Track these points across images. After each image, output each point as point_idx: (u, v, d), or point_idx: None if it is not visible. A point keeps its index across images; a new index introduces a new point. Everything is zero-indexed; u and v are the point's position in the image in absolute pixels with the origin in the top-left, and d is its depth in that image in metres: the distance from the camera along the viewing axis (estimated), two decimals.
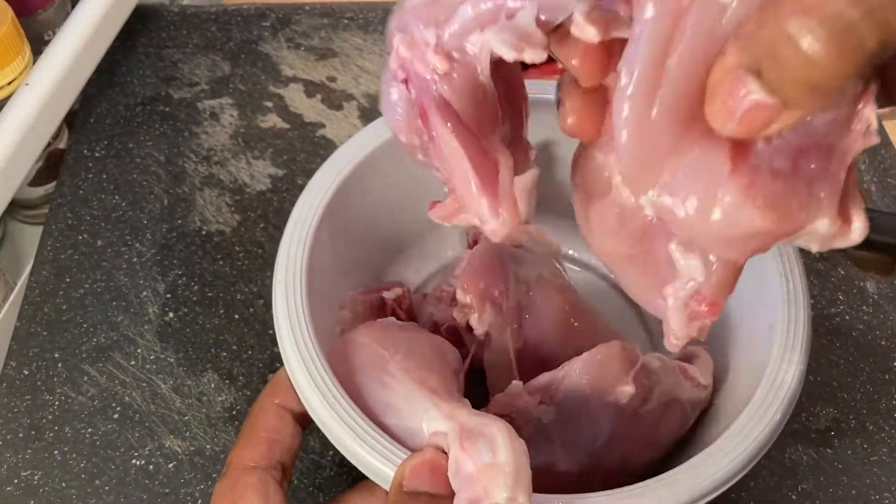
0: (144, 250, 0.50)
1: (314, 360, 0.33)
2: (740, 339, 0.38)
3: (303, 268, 0.36)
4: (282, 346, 0.34)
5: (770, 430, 0.32)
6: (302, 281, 0.36)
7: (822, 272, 0.49)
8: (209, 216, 0.52)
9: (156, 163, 0.54)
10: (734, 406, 0.35)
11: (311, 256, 0.37)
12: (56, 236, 0.50)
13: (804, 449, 0.43)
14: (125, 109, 0.58)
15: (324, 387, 0.33)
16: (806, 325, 0.35)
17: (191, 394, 0.44)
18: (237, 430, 0.43)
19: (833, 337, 0.47)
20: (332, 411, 0.32)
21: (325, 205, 0.38)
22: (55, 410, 0.43)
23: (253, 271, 0.49)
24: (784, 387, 0.33)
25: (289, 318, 0.35)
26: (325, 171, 0.40)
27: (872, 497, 0.41)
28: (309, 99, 0.59)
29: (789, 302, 0.35)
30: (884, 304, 0.48)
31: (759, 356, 0.35)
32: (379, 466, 0.31)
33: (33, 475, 0.41)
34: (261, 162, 0.55)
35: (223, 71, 0.60)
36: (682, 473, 0.32)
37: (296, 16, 0.64)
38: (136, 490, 0.41)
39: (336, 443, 0.32)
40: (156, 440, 0.42)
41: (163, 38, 0.63)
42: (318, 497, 0.41)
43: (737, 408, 0.34)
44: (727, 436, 0.32)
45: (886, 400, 0.44)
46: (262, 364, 0.45)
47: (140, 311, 0.47)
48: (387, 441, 0.31)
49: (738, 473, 0.32)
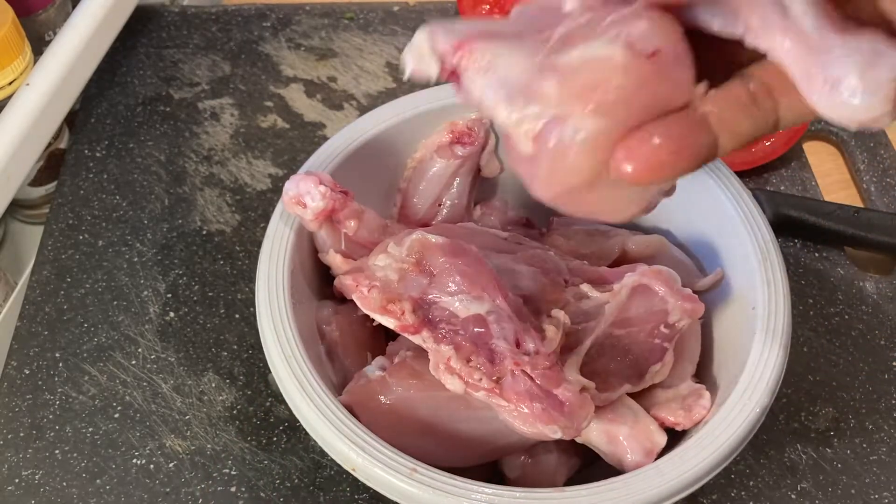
0: (145, 250, 0.50)
1: (299, 360, 0.35)
2: (726, 321, 0.39)
3: (285, 273, 0.37)
4: (267, 354, 0.36)
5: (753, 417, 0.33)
6: (285, 287, 0.37)
7: (821, 272, 0.50)
8: (210, 216, 0.52)
9: (156, 163, 0.54)
10: (724, 389, 0.36)
11: (292, 260, 0.38)
12: (57, 236, 0.50)
13: (804, 448, 0.43)
14: (126, 109, 0.58)
15: (311, 390, 0.34)
16: (786, 308, 0.36)
17: (191, 393, 0.44)
18: (238, 429, 0.43)
19: (832, 337, 0.47)
20: (318, 412, 0.33)
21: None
22: (56, 410, 0.43)
23: (253, 271, 0.48)
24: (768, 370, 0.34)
25: (272, 319, 0.36)
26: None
27: (872, 496, 0.41)
28: (309, 99, 0.59)
29: (768, 283, 0.37)
30: (883, 304, 0.48)
31: (745, 336, 0.36)
32: (353, 458, 0.32)
33: (34, 474, 0.41)
34: (261, 162, 0.55)
35: (224, 71, 0.60)
36: (668, 462, 0.32)
37: (296, 16, 0.64)
38: (136, 489, 0.41)
39: (323, 444, 0.33)
40: (156, 439, 0.42)
41: (163, 39, 0.63)
42: (319, 497, 0.41)
43: (726, 389, 0.35)
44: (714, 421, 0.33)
45: (886, 399, 0.44)
46: (262, 364, 0.45)
47: (141, 311, 0.47)
48: (376, 442, 0.32)
49: (729, 456, 0.33)
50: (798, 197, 0.52)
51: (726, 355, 0.38)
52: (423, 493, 0.31)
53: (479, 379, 0.32)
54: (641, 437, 0.35)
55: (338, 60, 0.61)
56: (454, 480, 0.31)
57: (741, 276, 0.38)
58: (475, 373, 0.32)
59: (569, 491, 0.31)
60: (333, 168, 0.41)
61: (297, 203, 0.37)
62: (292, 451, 0.42)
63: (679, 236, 0.43)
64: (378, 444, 0.32)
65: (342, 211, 0.38)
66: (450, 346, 0.33)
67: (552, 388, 0.32)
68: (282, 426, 0.43)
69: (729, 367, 0.37)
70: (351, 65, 0.61)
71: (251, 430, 0.43)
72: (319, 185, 0.37)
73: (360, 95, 0.59)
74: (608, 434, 0.35)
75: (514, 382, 0.32)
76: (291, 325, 0.36)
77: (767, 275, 0.37)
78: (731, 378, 0.35)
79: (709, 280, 0.40)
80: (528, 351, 0.33)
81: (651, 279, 0.36)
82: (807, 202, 0.51)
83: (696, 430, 0.34)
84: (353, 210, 0.38)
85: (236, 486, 0.41)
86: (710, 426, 0.33)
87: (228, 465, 0.41)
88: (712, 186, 0.40)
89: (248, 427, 0.43)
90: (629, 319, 0.36)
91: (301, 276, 0.39)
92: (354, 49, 0.62)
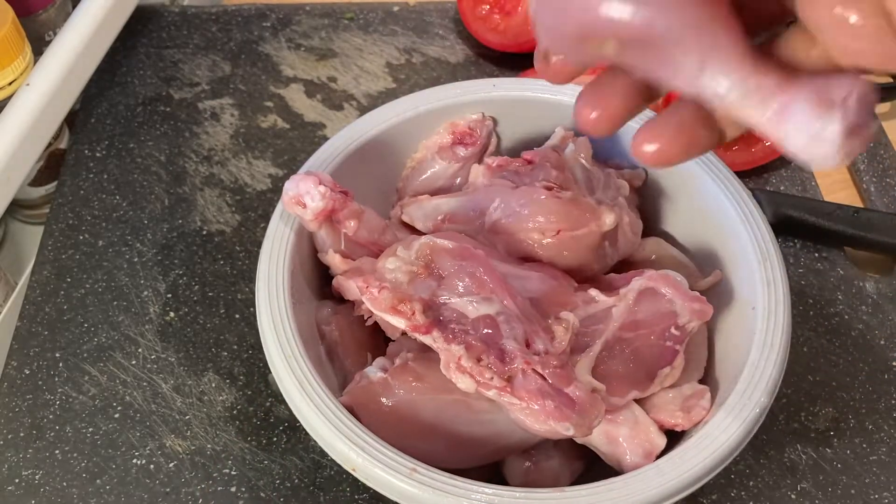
0: (145, 250, 0.50)
1: (299, 360, 0.35)
2: (726, 321, 0.39)
3: (285, 272, 0.37)
4: (267, 353, 0.36)
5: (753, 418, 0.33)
6: (285, 286, 0.37)
7: (821, 272, 0.50)
8: (210, 216, 0.52)
9: (156, 163, 0.55)
10: (724, 389, 0.36)
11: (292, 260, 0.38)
12: (57, 236, 0.50)
13: (804, 448, 0.43)
14: (126, 109, 0.58)
15: (311, 390, 0.34)
16: (786, 308, 0.36)
17: (191, 393, 0.44)
18: (238, 429, 0.43)
19: (832, 337, 0.47)
20: (318, 411, 0.33)
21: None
22: (56, 410, 0.43)
23: (253, 271, 0.49)
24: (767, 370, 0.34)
25: (272, 319, 0.36)
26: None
27: (871, 496, 0.41)
28: (309, 99, 0.59)
29: (768, 283, 0.37)
30: (883, 304, 0.48)
31: (745, 336, 0.36)
32: (353, 458, 0.32)
33: (34, 474, 0.41)
34: (261, 162, 0.55)
35: (224, 71, 0.60)
36: (668, 462, 0.32)
37: (296, 16, 0.64)
38: (136, 489, 0.41)
39: (323, 444, 0.33)
40: (157, 440, 0.42)
41: (163, 39, 0.63)
42: (319, 497, 0.41)
43: (726, 389, 0.35)
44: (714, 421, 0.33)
45: (885, 399, 0.44)
46: (262, 364, 0.45)
47: (141, 311, 0.47)
48: (376, 442, 0.32)
49: (732, 453, 0.33)
50: (798, 197, 0.52)
51: (726, 355, 0.38)
52: (422, 493, 0.31)
53: (491, 378, 0.32)
54: (641, 438, 0.35)
55: (338, 60, 0.61)
56: (454, 480, 0.31)
57: (741, 277, 0.38)
58: (486, 371, 0.32)
59: (568, 491, 0.31)
60: (333, 168, 0.41)
61: (297, 203, 0.37)
62: (292, 451, 0.42)
63: (679, 236, 0.43)
64: (378, 444, 0.32)
65: (342, 211, 0.38)
66: (460, 346, 0.33)
67: (563, 386, 0.32)
68: (282, 426, 0.43)
69: (729, 367, 0.37)
70: (351, 65, 0.61)
71: (251, 430, 0.43)
72: (319, 185, 0.37)
73: (360, 95, 0.59)
74: (608, 435, 0.35)
75: (525, 381, 0.32)
76: (291, 325, 0.36)
77: (767, 275, 0.37)
78: (730, 378, 0.35)
79: (707, 281, 0.40)
80: (538, 351, 0.33)
81: (658, 282, 0.36)
82: (807, 202, 0.51)
83: (695, 431, 0.34)
84: (352, 210, 0.38)
85: (236, 486, 0.41)
86: (709, 426, 0.33)
87: (228, 465, 0.41)
88: (712, 186, 0.40)
89: (248, 427, 0.43)
90: (638, 322, 0.36)
91: (301, 276, 0.39)
92: (354, 49, 0.62)
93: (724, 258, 0.40)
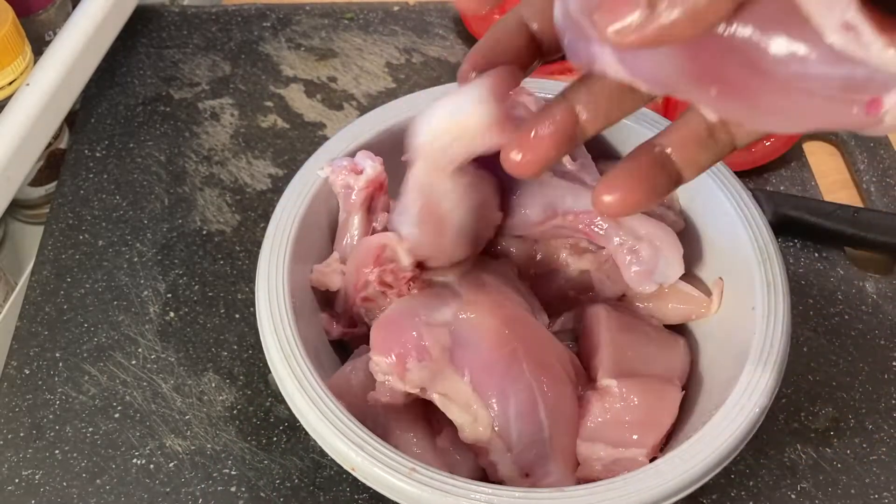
0: (145, 250, 0.50)
1: (298, 360, 0.35)
2: (726, 321, 0.39)
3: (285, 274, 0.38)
4: (267, 352, 0.36)
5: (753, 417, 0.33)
6: (285, 284, 0.37)
7: (821, 272, 0.50)
8: (210, 216, 0.52)
9: (156, 163, 0.55)
10: (724, 389, 0.36)
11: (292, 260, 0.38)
12: (57, 236, 0.50)
13: (803, 448, 0.43)
14: (126, 109, 0.58)
15: (310, 389, 0.34)
16: (786, 308, 0.36)
17: (191, 393, 0.44)
18: (238, 429, 0.43)
19: (832, 337, 0.47)
20: (317, 411, 0.33)
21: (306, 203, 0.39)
22: (56, 410, 0.43)
23: (253, 271, 0.48)
24: (767, 370, 0.34)
25: (272, 318, 0.36)
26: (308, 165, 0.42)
27: (871, 496, 0.41)
28: (309, 99, 0.59)
29: (768, 283, 0.37)
30: (883, 304, 0.48)
31: (744, 336, 0.36)
32: (353, 457, 0.32)
33: (34, 474, 0.41)
34: (261, 162, 0.55)
35: (224, 71, 0.60)
36: (668, 462, 0.32)
37: (296, 16, 0.64)
38: (136, 489, 0.41)
39: (322, 443, 0.34)
40: (156, 439, 0.42)
41: (163, 39, 0.63)
42: (319, 497, 0.41)
43: (726, 389, 0.35)
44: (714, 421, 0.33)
45: (885, 399, 0.44)
46: (262, 363, 0.45)
47: (141, 311, 0.47)
48: (376, 442, 0.32)
49: (729, 456, 0.33)
50: (798, 197, 0.52)
51: (726, 355, 0.38)
52: (422, 492, 0.31)
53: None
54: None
55: (338, 60, 0.61)
56: (454, 480, 0.31)
57: (741, 277, 0.38)
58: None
59: (568, 491, 0.31)
60: None
61: (353, 171, 0.37)
62: (292, 451, 0.42)
63: (678, 236, 0.43)
64: (378, 444, 0.32)
65: (380, 197, 0.38)
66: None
67: None
68: (282, 426, 0.43)
69: (728, 367, 0.37)
70: (351, 65, 0.61)
71: (251, 430, 0.43)
72: (373, 160, 0.38)
73: (360, 95, 0.59)
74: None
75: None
76: (291, 325, 0.36)
77: (767, 275, 0.37)
78: (730, 378, 0.35)
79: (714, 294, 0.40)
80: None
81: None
82: (807, 202, 0.51)
83: (695, 431, 0.34)
84: (386, 202, 0.38)
85: (236, 486, 0.41)
86: (709, 426, 0.33)
87: (228, 465, 0.41)
88: (712, 186, 0.40)
89: (248, 427, 0.43)
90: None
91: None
92: (354, 49, 0.62)
93: (724, 258, 0.40)
